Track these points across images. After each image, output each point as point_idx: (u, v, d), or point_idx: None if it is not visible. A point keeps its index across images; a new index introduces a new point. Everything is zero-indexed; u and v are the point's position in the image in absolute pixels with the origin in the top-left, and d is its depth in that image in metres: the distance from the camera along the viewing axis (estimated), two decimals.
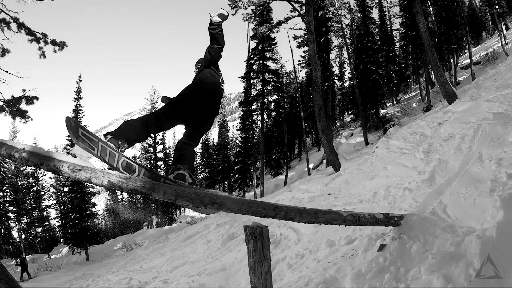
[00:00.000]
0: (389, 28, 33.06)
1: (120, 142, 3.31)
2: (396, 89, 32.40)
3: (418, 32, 18.21)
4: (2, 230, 30.59)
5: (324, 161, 23.00)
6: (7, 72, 7.76)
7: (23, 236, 31.16)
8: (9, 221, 31.39)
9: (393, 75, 30.23)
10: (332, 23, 28.43)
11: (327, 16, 27.81)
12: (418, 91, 30.82)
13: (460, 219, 4.25)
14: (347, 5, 27.56)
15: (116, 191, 30.21)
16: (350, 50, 28.51)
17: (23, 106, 8.41)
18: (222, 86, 4.00)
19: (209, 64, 3.92)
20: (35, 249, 32.68)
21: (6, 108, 8.03)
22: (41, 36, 8.59)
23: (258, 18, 26.60)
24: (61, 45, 9.03)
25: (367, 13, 28.37)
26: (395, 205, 6.60)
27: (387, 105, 32.03)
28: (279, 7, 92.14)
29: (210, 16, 3.67)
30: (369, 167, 10.96)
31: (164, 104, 3.85)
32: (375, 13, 30.99)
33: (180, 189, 3.03)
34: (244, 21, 22.72)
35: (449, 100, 14.04)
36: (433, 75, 22.06)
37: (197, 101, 3.62)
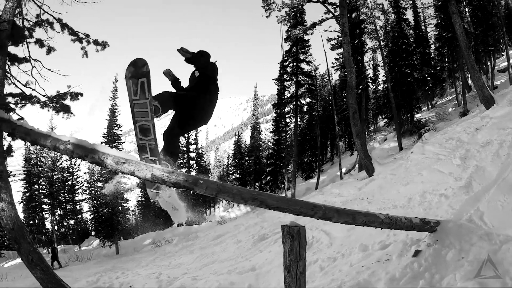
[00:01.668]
0: (423, 30, 32.02)
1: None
2: (432, 93, 31.40)
3: (454, 33, 17.73)
4: (36, 221, 32.14)
5: (357, 165, 22.69)
6: (49, 70, 8.07)
7: (55, 227, 32.67)
8: (43, 213, 33.12)
9: (428, 78, 29.28)
10: (366, 25, 27.89)
11: (360, 18, 27.34)
12: (454, 95, 29.84)
13: (498, 227, 4.19)
14: (381, 6, 27.12)
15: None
16: (385, 52, 27.94)
17: (67, 102, 8.73)
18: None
19: None
20: (66, 240, 33.91)
21: (50, 104, 8.35)
22: (84, 36, 8.93)
23: (291, 20, 26.60)
24: (103, 44, 9.34)
25: (401, 14, 27.74)
26: (430, 211, 6.52)
27: (422, 109, 31.19)
28: (312, 9, 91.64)
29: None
30: (403, 173, 10.81)
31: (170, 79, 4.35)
32: (409, 14, 30.37)
33: (222, 185, 3.14)
34: (278, 23, 22.92)
35: (487, 105, 13.56)
36: (469, 78, 21.43)
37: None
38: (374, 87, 34.49)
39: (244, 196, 3.12)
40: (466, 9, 26.40)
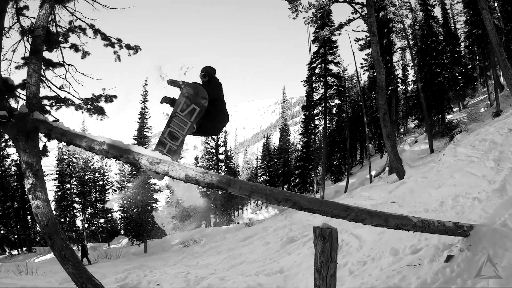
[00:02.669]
0: (452, 27, 31.02)
1: None
2: (463, 92, 30.36)
3: (484, 30, 17.22)
4: (68, 219, 33.41)
5: (387, 168, 22.30)
6: (83, 74, 8.35)
7: (86, 225, 33.97)
8: (74, 211, 34.56)
9: (459, 77, 28.37)
10: (394, 24, 27.40)
11: (388, 17, 26.91)
12: (486, 95, 28.71)
13: None
14: (408, 4, 26.48)
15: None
16: (414, 51, 27.36)
17: (102, 104, 9.03)
18: None
19: None
20: (96, 238, 35.28)
21: (84, 106, 8.65)
22: (116, 41, 9.18)
23: (318, 21, 26.55)
24: (135, 49, 9.56)
25: (429, 12, 27.10)
26: (463, 215, 6.38)
27: (453, 110, 30.29)
28: (338, 9, 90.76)
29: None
30: (435, 175, 10.60)
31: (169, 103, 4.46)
32: (437, 12, 29.51)
33: (255, 185, 3.22)
34: (305, 24, 22.88)
35: None
36: (501, 76, 20.67)
37: None
38: (403, 87, 33.86)
39: (277, 196, 3.19)
40: (496, 4, 25.44)
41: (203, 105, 4.03)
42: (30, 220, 30.86)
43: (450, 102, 28.13)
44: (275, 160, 44.00)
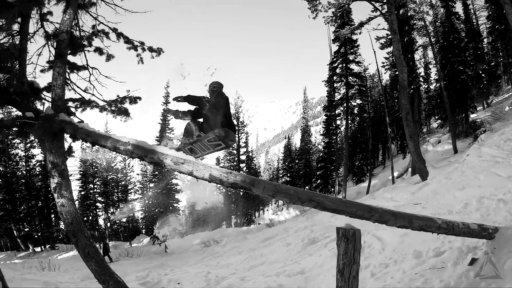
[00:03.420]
0: (474, 23, 30.16)
1: None
2: (487, 90, 29.42)
3: (507, 25, 16.74)
4: (90, 218, 34.28)
5: (410, 169, 21.94)
6: (106, 77, 8.54)
7: (108, 224, 34.79)
8: (97, 210, 35.62)
9: (483, 75, 27.58)
10: (415, 21, 26.86)
11: (408, 14, 26.40)
12: (510, 93, 27.94)
13: None
14: (428, 0, 26.01)
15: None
16: (436, 49, 26.82)
17: (126, 105, 9.21)
18: None
19: None
20: (118, 236, 36.30)
21: (108, 108, 8.82)
22: (139, 44, 9.34)
23: (338, 20, 26.38)
24: (158, 51, 9.68)
25: (450, 8, 26.52)
26: (488, 217, 6.26)
27: (477, 109, 29.53)
28: (358, 8, 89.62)
29: None
30: (459, 176, 10.41)
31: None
32: (458, 7, 28.91)
33: (279, 186, 3.25)
34: (325, 24, 22.72)
35: None
36: None
37: None
38: (426, 86, 33.25)
39: (301, 197, 3.21)
40: None
41: (230, 145, 4.33)
42: (53, 219, 32.07)
43: (474, 100, 27.44)
44: (297, 161, 43.98)
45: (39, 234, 30.60)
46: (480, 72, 27.18)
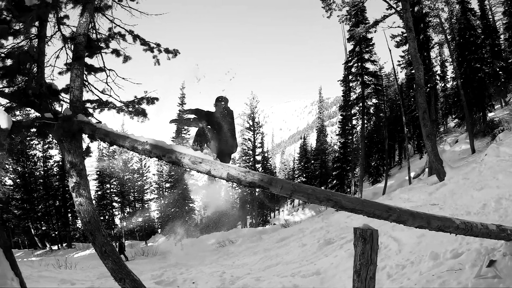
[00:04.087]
0: (491, 19, 29.39)
1: None
2: (505, 88, 28.71)
3: None
4: (107, 217, 34.77)
5: (427, 169, 21.61)
6: (123, 78, 8.66)
7: (124, 223, 35.03)
8: (113, 210, 36.04)
9: (500, 72, 26.93)
10: (430, 18, 26.56)
11: (423, 11, 26.03)
12: None
13: None
14: None
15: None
16: (452, 46, 26.35)
17: (143, 106, 9.33)
18: None
19: None
20: (133, 236, 36.71)
21: (125, 109, 8.95)
22: (155, 46, 9.44)
23: (353, 19, 26.30)
24: (174, 52, 9.77)
25: (465, 4, 26.06)
26: (506, 218, 6.18)
27: (495, 107, 28.88)
28: (372, 5, 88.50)
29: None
30: (477, 177, 10.27)
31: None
32: (474, 3, 28.19)
33: (297, 185, 3.27)
34: (339, 23, 22.56)
35: None
36: None
37: None
38: (442, 85, 32.71)
39: (319, 196, 3.21)
40: None
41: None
42: (70, 218, 32.78)
43: (491, 99, 26.83)
44: (312, 161, 43.82)
45: (56, 232, 31.21)
46: (498, 69, 26.51)
